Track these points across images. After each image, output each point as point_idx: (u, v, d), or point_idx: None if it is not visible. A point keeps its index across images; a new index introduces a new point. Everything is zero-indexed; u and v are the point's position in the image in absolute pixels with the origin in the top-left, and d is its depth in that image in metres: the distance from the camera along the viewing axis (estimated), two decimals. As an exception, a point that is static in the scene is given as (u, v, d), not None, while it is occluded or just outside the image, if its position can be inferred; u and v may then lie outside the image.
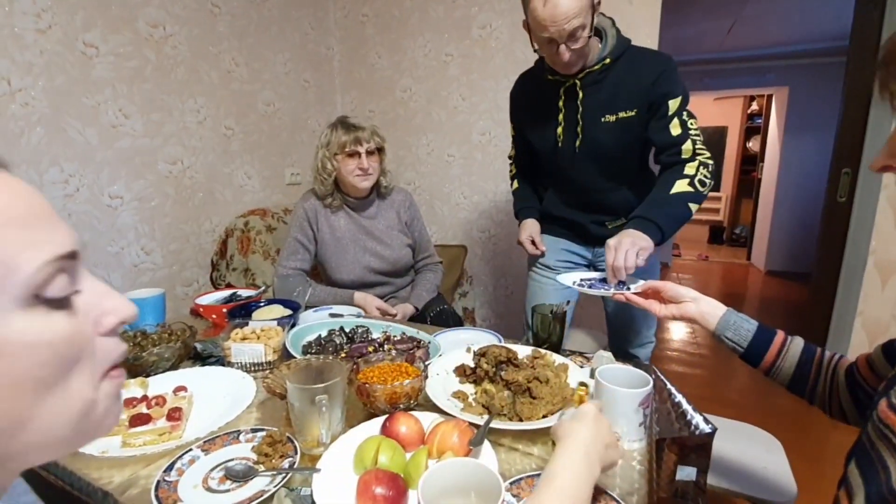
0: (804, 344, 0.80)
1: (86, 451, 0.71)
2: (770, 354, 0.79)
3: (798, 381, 0.78)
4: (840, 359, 0.78)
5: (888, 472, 0.47)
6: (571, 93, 1.19)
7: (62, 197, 1.51)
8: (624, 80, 1.16)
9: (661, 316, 0.90)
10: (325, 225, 1.49)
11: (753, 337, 0.80)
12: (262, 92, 2.18)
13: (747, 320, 0.83)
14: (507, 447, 0.76)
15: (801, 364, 0.78)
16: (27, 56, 1.41)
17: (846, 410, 0.74)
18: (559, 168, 1.29)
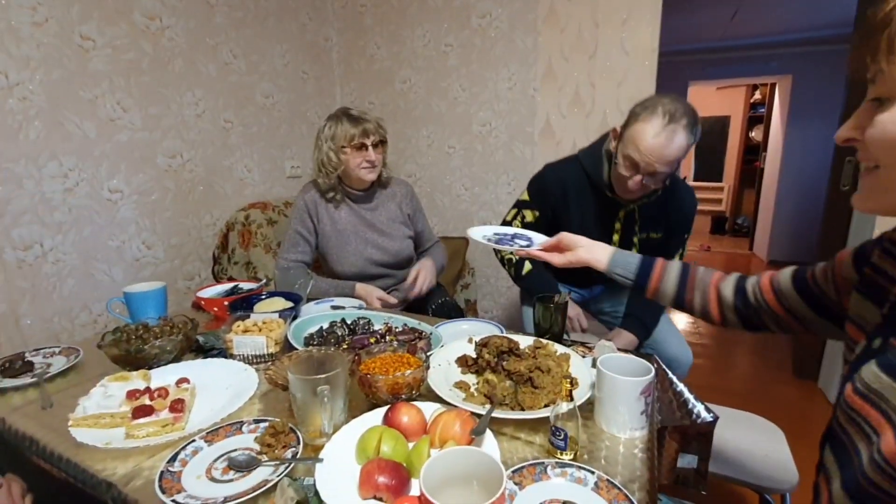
0: (681, 266, 0.90)
1: (89, 442, 0.71)
2: (653, 280, 0.90)
3: (677, 298, 0.88)
4: (714, 275, 0.87)
5: (860, 457, 0.47)
6: (629, 214, 1.33)
7: (62, 191, 1.50)
8: (664, 209, 1.31)
9: (558, 263, 0.96)
10: (326, 217, 1.48)
11: (638, 268, 0.91)
12: (260, 84, 2.16)
13: (632, 255, 0.93)
14: (508, 436, 0.76)
15: (679, 284, 0.88)
16: (24, 50, 1.40)
17: (729, 319, 0.85)
18: None
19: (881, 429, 0.45)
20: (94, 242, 1.60)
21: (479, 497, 0.51)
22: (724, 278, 0.87)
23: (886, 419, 0.45)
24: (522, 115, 2.27)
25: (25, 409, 0.85)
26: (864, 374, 0.49)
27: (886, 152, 0.45)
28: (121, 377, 0.85)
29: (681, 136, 1.08)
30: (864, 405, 0.48)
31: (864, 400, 0.48)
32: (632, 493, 0.61)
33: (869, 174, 0.48)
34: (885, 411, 0.45)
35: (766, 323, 0.82)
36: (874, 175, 0.48)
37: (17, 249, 1.42)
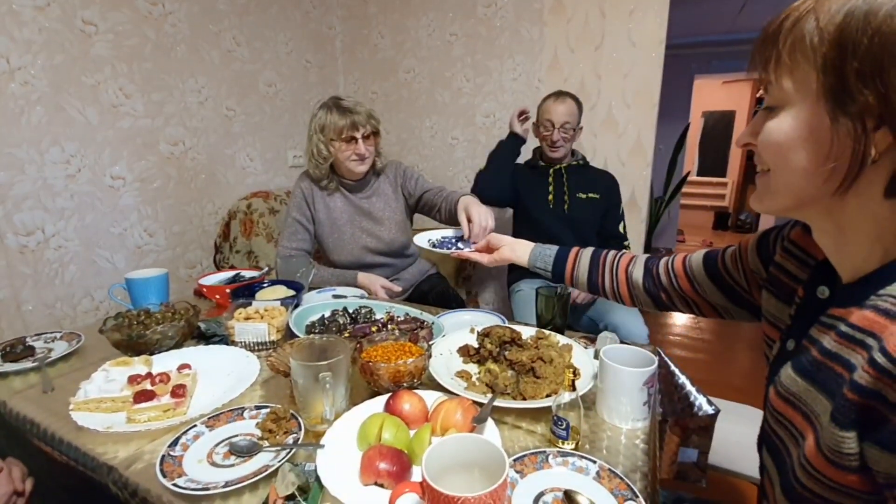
0: (592, 251, 0.95)
1: (90, 426, 0.71)
2: (568, 267, 0.94)
3: (590, 282, 0.92)
4: (624, 257, 0.91)
5: (792, 459, 0.48)
6: (557, 172, 1.79)
7: (64, 177, 1.50)
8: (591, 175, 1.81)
9: (485, 263, 1.03)
10: (322, 205, 1.47)
11: (554, 259, 0.95)
12: (263, 72, 2.15)
13: (549, 248, 0.98)
14: (510, 425, 0.76)
15: (591, 268, 0.92)
16: (26, 33, 1.39)
17: (639, 298, 0.88)
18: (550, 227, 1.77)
19: (805, 432, 0.46)
20: (96, 229, 1.59)
21: (481, 484, 0.51)
22: (635, 261, 0.90)
23: (808, 422, 0.46)
24: (527, 106, 2.25)
25: (26, 393, 0.85)
26: (783, 378, 0.50)
27: (774, 157, 0.47)
28: (122, 362, 0.85)
29: (570, 101, 1.71)
30: (788, 408, 0.49)
31: (787, 403, 0.49)
32: (633, 483, 0.61)
33: (762, 177, 0.50)
34: (806, 414, 0.46)
35: (676, 304, 0.84)
36: (766, 178, 0.49)
37: (19, 235, 1.41)
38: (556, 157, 1.74)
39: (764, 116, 0.47)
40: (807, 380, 0.46)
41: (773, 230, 0.67)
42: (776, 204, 0.49)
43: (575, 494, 0.59)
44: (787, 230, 0.63)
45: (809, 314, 0.51)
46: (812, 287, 0.53)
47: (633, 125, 2.08)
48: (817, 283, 0.52)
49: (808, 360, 0.47)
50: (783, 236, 0.63)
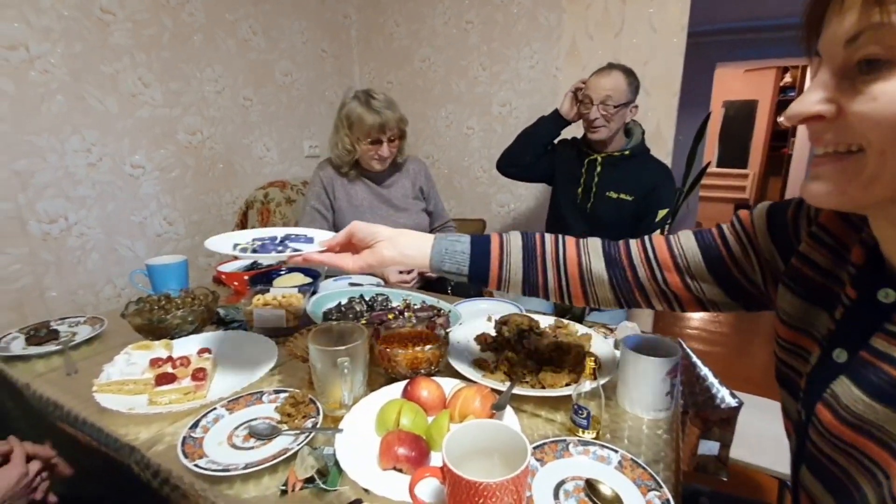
0: (522, 241, 0.70)
1: (112, 408, 0.72)
2: (493, 267, 0.69)
3: (526, 282, 0.69)
4: (567, 244, 0.70)
5: (864, 496, 0.39)
6: (592, 163, 1.53)
7: (85, 166, 1.52)
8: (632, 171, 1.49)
9: (354, 269, 0.70)
10: (343, 193, 1.48)
11: (470, 257, 0.68)
12: (279, 62, 2.15)
13: (458, 240, 0.70)
14: (529, 413, 0.75)
15: (526, 264, 0.68)
16: (45, 21, 1.40)
17: (601, 298, 0.69)
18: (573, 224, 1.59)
19: (890, 469, 0.37)
20: (117, 217, 1.62)
21: (501, 471, 0.50)
22: (584, 248, 0.70)
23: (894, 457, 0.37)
24: (544, 94, 2.21)
25: (49, 376, 0.87)
26: (846, 399, 0.40)
27: (884, 132, 0.34)
28: (144, 345, 0.86)
29: (616, 73, 1.43)
30: (859, 438, 0.39)
31: (858, 432, 0.39)
32: (656, 473, 0.60)
33: (841, 160, 0.37)
34: (889, 446, 0.37)
35: (650, 302, 0.68)
36: (853, 161, 0.36)
37: (42, 222, 1.44)
38: (595, 139, 1.46)
39: (855, 77, 0.35)
40: (887, 404, 0.37)
41: (785, 207, 0.55)
42: (870, 195, 0.37)
43: (597, 483, 0.58)
44: (811, 211, 0.51)
45: (867, 321, 0.42)
46: (867, 288, 0.43)
47: (652, 114, 2.03)
48: (874, 284, 0.42)
49: (883, 380, 0.38)
50: (809, 218, 0.51)
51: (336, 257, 0.71)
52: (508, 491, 0.47)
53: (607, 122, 1.44)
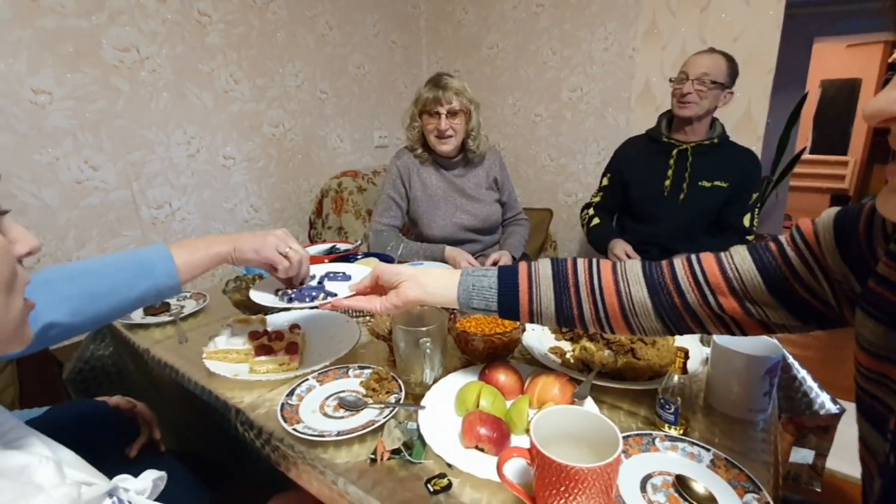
0: (552, 269, 0.64)
1: (220, 373, 0.80)
2: (523, 300, 0.64)
3: (561, 315, 0.63)
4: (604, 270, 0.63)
5: None
6: (682, 154, 1.48)
7: (186, 157, 1.68)
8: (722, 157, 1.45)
9: (381, 310, 0.69)
10: (418, 182, 1.51)
11: (498, 291, 0.64)
12: (352, 55, 2.22)
13: (484, 274, 0.66)
14: (609, 405, 0.73)
15: (558, 295, 0.63)
16: (152, 25, 1.55)
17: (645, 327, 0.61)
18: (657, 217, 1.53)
19: None
20: (212, 204, 1.77)
21: (587, 458, 0.50)
22: (623, 273, 0.62)
23: None
24: (618, 78, 2.12)
25: (165, 343, 0.98)
26: None
27: None
28: (243, 320, 0.94)
29: (718, 56, 1.39)
30: None
31: None
32: (754, 475, 0.56)
33: None
34: None
35: (704, 327, 0.60)
36: None
37: (151, 208, 1.61)
38: (684, 115, 1.40)
39: None
40: None
41: (855, 219, 0.48)
42: None
43: (689, 480, 0.56)
44: (888, 225, 0.45)
45: None
46: None
47: (741, 95, 1.88)
48: None
49: None
50: (887, 234, 0.44)
51: (364, 300, 0.71)
52: (599, 478, 0.47)
53: (699, 100, 1.38)
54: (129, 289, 0.69)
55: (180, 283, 0.72)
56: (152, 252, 0.71)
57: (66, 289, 0.63)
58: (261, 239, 0.78)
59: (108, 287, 0.67)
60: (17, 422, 0.46)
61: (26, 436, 0.45)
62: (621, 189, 1.59)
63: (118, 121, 1.50)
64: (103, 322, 0.70)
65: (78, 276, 0.66)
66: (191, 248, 0.74)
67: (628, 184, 1.56)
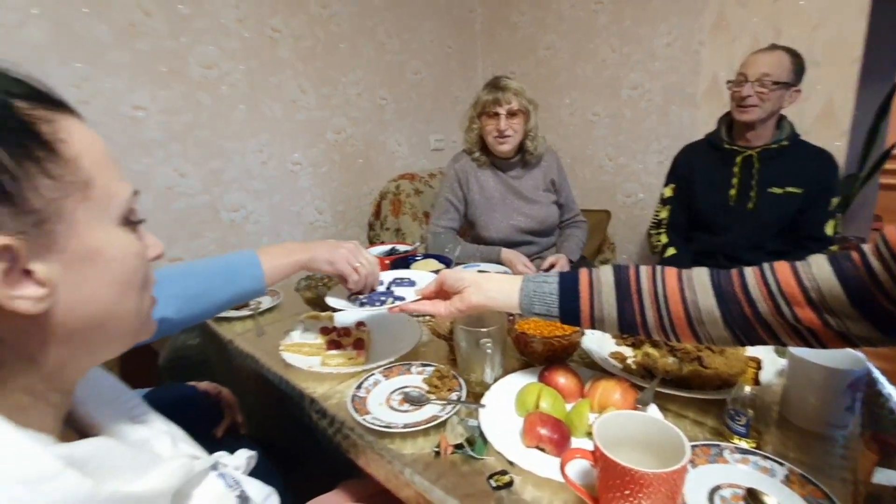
0: (614, 276, 0.65)
1: (295, 364, 0.87)
2: (583, 305, 0.65)
3: (624, 321, 0.63)
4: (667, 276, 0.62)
5: None
6: (747, 160, 1.39)
7: (259, 164, 1.81)
8: (795, 162, 1.35)
9: (446, 314, 0.72)
10: (475, 185, 1.54)
11: (560, 296, 0.66)
12: (410, 61, 2.29)
13: (545, 280, 0.68)
14: (674, 413, 0.72)
15: (621, 301, 0.63)
16: (231, 43, 1.69)
17: (713, 337, 0.60)
18: (723, 226, 1.45)
19: None
20: (281, 208, 1.90)
21: (651, 464, 0.50)
22: (688, 281, 0.61)
23: None
24: (682, 74, 2.03)
25: (245, 335, 1.07)
26: None
27: None
28: (314, 316, 1.01)
29: (780, 52, 1.30)
30: None
31: None
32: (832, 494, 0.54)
33: None
34: None
35: (779, 338, 0.58)
36: None
37: (228, 211, 1.76)
38: (744, 120, 1.33)
39: None
40: None
41: None
42: None
43: (761, 494, 0.54)
44: None
45: None
46: None
47: (822, 87, 1.75)
48: None
49: None
50: None
51: (429, 304, 0.75)
52: (665, 484, 0.47)
53: (761, 102, 1.30)
54: (223, 291, 0.77)
55: (266, 286, 0.80)
56: (242, 258, 0.79)
57: (171, 288, 0.71)
58: (334, 251, 0.84)
59: (206, 289, 0.76)
60: (140, 400, 0.53)
61: (147, 412, 0.52)
62: (687, 199, 1.53)
63: (201, 132, 1.65)
64: (200, 319, 0.78)
65: (181, 278, 0.74)
66: (274, 255, 0.81)
67: (692, 193, 1.50)
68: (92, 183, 0.35)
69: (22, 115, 0.32)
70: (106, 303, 0.37)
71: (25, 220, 0.31)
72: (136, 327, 0.41)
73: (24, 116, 0.32)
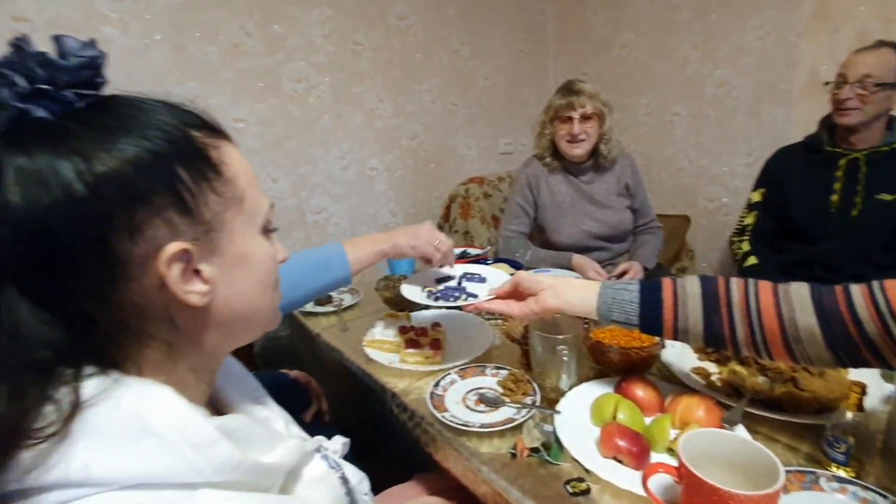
0: (701, 287, 0.63)
1: (377, 359, 0.93)
2: (666, 315, 0.64)
3: (710, 334, 0.62)
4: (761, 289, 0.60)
5: None
6: (852, 164, 1.30)
7: (339, 170, 1.93)
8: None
9: (520, 315, 0.74)
10: (546, 189, 1.54)
11: (640, 303, 0.65)
12: (481, 67, 2.32)
13: (625, 287, 0.68)
14: (764, 436, 0.69)
15: (708, 312, 0.61)
16: (318, 57, 1.82)
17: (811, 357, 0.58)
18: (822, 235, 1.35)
19: None
20: (358, 211, 2.02)
21: (739, 485, 0.49)
22: (785, 296, 0.58)
23: None
24: (776, 69, 1.88)
25: (330, 330, 1.16)
26: None
27: None
28: (392, 315, 1.07)
29: (886, 50, 1.21)
30: None
31: None
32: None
33: None
34: None
35: (873, 361, 0.55)
36: None
37: (313, 214, 1.90)
38: (844, 123, 1.25)
39: None
40: None
41: None
42: None
43: (864, 527, 0.51)
44: None
45: None
46: None
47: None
48: None
49: None
50: None
51: (503, 304, 0.77)
52: (755, 506, 0.46)
53: (862, 105, 1.22)
54: (316, 281, 0.86)
55: (352, 275, 0.88)
56: (331, 250, 0.88)
57: None
58: (414, 234, 0.92)
59: (302, 280, 0.85)
60: (258, 384, 0.61)
61: (265, 395, 0.59)
62: (779, 206, 1.43)
63: (291, 141, 1.80)
64: (296, 308, 0.89)
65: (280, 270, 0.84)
66: (359, 247, 0.91)
67: (786, 199, 1.40)
68: (244, 198, 0.42)
69: (198, 143, 0.40)
70: (250, 298, 0.44)
71: (198, 229, 0.38)
72: (268, 319, 0.49)
73: (199, 144, 0.40)
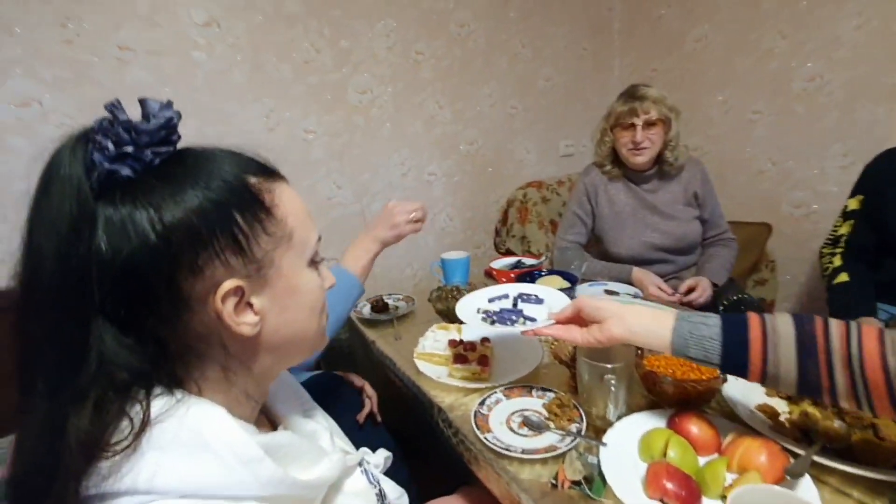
0: (794, 328, 0.56)
1: (426, 372, 0.96)
2: (754, 357, 0.58)
3: (805, 381, 0.56)
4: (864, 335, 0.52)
5: None
6: None
7: (399, 176, 2.00)
8: None
9: (583, 343, 0.70)
10: (605, 199, 1.49)
11: (723, 342, 0.60)
12: (542, 68, 2.28)
13: (704, 322, 0.62)
14: (833, 489, 0.63)
15: (803, 357, 0.55)
16: (382, 69, 1.88)
17: None
18: None
19: None
20: (415, 215, 2.07)
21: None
22: (892, 343, 0.51)
23: None
24: (878, 61, 1.67)
25: (385, 338, 1.21)
26: None
27: None
28: (443, 327, 1.10)
29: None
30: None
31: None
32: None
33: None
34: None
35: None
36: None
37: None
38: None
39: None
40: None
41: None
42: None
43: None
44: None
45: None
46: None
47: None
48: None
49: None
50: None
51: (564, 330, 0.74)
52: (810, 575, 0.43)
53: None
54: (339, 307, 0.93)
55: (362, 283, 0.98)
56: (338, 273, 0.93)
57: None
58: (387, 220, 1.06)
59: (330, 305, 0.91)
60: (309, 397, 0.66)
61: (314, 408, 0.64)
62: (878, 216, 1.30)
63: (355, 150, 1.88)
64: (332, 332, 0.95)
65: None
66: (356, 258, 1.00)
67: (888, 210, 1.27)
68: (293, 235, 0.46)
69: (254, 188, 0.44)
70: (299, 325, 0.48)
71: (250, 267, 0.43)
72: (316, 342, 0.53)
73: (254, 189, 0.44)
